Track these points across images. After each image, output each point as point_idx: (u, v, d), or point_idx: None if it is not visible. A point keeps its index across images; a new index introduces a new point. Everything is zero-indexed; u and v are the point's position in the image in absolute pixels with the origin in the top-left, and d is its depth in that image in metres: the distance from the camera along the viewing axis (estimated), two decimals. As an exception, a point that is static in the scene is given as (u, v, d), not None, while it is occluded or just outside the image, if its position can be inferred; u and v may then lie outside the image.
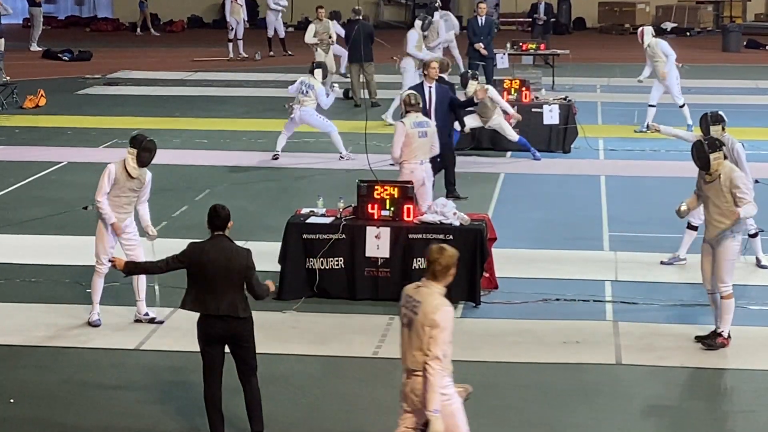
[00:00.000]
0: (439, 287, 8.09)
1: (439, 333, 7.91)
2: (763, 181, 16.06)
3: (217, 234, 9.38)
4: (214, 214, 9.37)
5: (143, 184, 12.06)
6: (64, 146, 21.66)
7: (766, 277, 13.96)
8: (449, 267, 8.11)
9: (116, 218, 11.99)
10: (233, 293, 9.23)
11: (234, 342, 9.33)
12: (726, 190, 11.36)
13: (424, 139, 14.36)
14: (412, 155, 14.36)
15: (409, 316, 8.10)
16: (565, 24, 43.74)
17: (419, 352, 8.01)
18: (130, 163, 11.92)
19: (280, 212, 15.33)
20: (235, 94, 28.03)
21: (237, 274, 9.24)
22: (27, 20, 40.64)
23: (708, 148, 11.40)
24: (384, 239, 12.85)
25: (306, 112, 19.74)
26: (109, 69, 32.45)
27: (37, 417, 10.09)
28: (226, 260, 9.24)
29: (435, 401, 7.93)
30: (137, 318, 12.27)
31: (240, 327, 9.29)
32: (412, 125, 14.37)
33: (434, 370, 7.94)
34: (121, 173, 11.94)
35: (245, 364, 9.39)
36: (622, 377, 11.02)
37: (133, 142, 12.00)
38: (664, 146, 21.12)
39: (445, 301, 8.05)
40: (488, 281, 13.22)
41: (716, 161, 11.40)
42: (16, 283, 13.62)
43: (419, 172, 14.34)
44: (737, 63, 35.43)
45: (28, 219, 16.38)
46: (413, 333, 8.04)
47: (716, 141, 11.57)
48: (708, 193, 11.51)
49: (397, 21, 45.66)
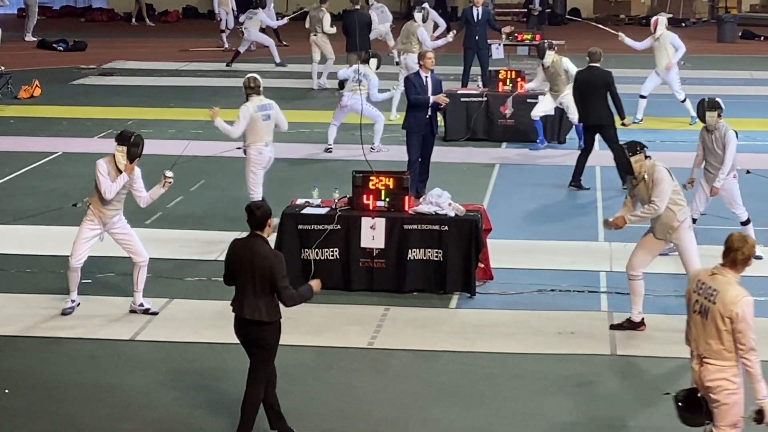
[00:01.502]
0: (737, 276, 8.13)
1: (746, 326, 7.94)
2: (758, 172, 16.09)
3: (253, 233, 9.17)
4: (249, 213, 9.18)
5: (133, 179, 12.06)
6: (59, 136, 21.64)
7: (759, 268, 13.96)
8: (749, 257, 8.17)
9: (104, 214, 12.02)
10: (256, 296, 9.02)
11: (250, 344, 9.18)
12: (652, 186, 11.48)
13: (267, 122, 14.86)
14: (258, 137, 14.88)
15: (703, 304, 8.11)
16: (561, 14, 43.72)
17: (715, 341, 8.04)
18: (120, 160, 11.92)
19: (275, 203, 15.17)
20: (230, 85, 27.95)
21: (260, 277, 8.99)
22: (22, 10, 40.57)
23: (628, 152, 11.51)
24: (379, 230, 12.86)
25: (358, 101, 19.62)
26: (104, 59, 32.40)
27: (31, 407, 10.09)
28: (250, 262, 9.03)
29: (763, 388, 7.98)
30: (132, 309, 12.27)
31: (257, 332, 9.10)
32: (256, 109, 14.80)
33: (753, 362, 8.02)
34: (111, 169, 11.94)
35: (252, 367, 9.18)
36: (617, 368, 11.03)
37: (121, 139, 12.01)
38: (658, 137, 21.13)
39: (744, 291, 8.08)
40: (483, 272, 13.22)
41: (637, 163, 11.50)
42: (10, 274, 13.62)
43: (266, 153, 14.97)
44: (732, 54, 35.43)
45: (22, 209, 16.37)
46: (709, 321, 8.06)
47: (637, 145, 11.62)
48: (642, 196, 11.64)
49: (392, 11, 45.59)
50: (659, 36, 22.13)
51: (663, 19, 22.59)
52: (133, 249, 12.23)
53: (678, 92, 22.42)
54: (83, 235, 12.12)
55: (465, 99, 21.30)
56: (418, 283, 12.92)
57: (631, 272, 11.82)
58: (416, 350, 11.40)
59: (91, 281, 13.24)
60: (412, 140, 16.59)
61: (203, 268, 13.86)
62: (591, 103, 17.22)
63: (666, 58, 22.09)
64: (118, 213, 12.15)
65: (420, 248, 12.85)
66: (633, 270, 11.82)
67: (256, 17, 30.37)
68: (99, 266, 13.51)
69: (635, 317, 11.85)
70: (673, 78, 22.28)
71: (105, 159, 12.03)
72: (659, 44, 22.13)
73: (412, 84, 16.52)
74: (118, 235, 12.21)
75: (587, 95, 17.21)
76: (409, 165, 16.47)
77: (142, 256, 12.20)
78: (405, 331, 11.90)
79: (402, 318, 12.24)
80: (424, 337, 11.72)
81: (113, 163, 11.96)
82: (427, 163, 16.77)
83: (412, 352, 11.36)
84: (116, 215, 12.12)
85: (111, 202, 12.00)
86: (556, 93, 19.83)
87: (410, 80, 16.65)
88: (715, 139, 13.82)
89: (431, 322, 12.15)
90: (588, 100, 17.19)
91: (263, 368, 9.19)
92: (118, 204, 12.10)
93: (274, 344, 9.18)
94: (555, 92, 19.86)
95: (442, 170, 17.85)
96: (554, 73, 19.67)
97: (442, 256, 12.82)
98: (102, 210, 12.04)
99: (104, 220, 12.09)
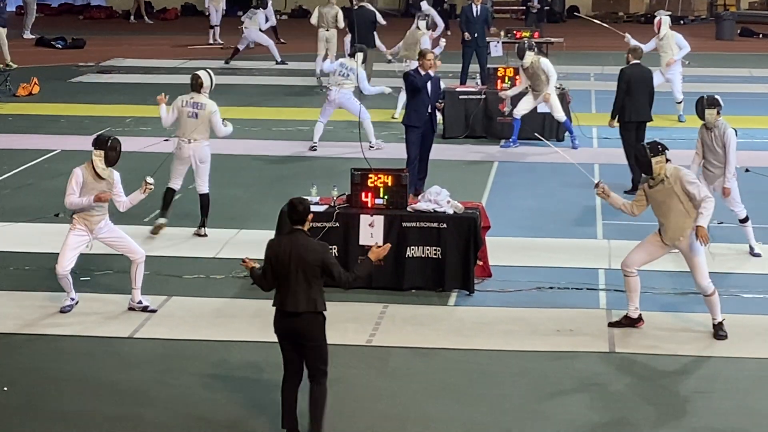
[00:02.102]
0: None
1: None
2: (757, 170, 16.10)
3: (295, 229, 9.16)
4: (291, 209, 9.16)
5: (112, 184, 12.04)
6: (58, 134, 21.63)
7: (759, 265, 13.98)
8: None
9: (89, 221, 12.00)
10: (305, 289, 9.01)
11: (301, 340, 9.13)
12: (679, 190, 11.37)
13: (193, 120, 14.78)
14: (180, 132, 14.95)
15: None
16: (559, 12, 43.74)
17: None
18: (98, 164, 11.92)
19: (273, 200, 15.32)
20: (229, 82, 27.96)
21: (311, 269, 8.99)
22: (20, 8, 40.56)
23: (650, 152, 11.39)
24: (378, 227, 12.86)
25: (345, 95, 19.56)
26: (102, 57, 32.39)
27: (30, 405, 10.09)
28: (299, 257, 9.00)
29: None
30: (131, 306, 12.26)
31: (307, 324, 9.08)
32: (184, 103, 14.93)
33: None
34: (89, 175, 11.93)
35: (311, 363, 9.17)
36: (616, 365, 11.03)
37: (98, 143, 12.00)
38: (657, 135, 21.11)
39: None
40: (482, 269, 13.23)
41: (658, 165, 11.40)
42: (9, 271, 13.61)
43: (186, 150, 14.89)
44: (731, 51, 35.44)
45: (21, 207, 16.36)
46: None
47: (659, 145, 11.52)
48: (659, 198, 11.49)
49: (391, 9, 45.62)
50: (663, 36, 22.09)
51: (666, 19, 22.51)
52: (127, 249, 12.22)
53: (678, 92, 22.41)
54: (70, 244, 12.08)
55: (463, 97, 21.29)
56: (416, 280, 12.92)
57: (626, 269, 11.77)
58: (415, 348, 11.40)
59: (89, 279, 13.24)
60: (412, 137, 16.57)
61: (201, 265, 13.86)
62: (638, 99, 17.15)
63: (668, 56, 22.07)
64: (104, 218, 12.13)
65: (418, 246, 12.86)
66: (628, 267, 11.77)
67: (255, 17, 30.42)
68: (97, 264, 13.51)
69: (632, 313, 11.84)
70: (676, 77, 22.28)
71: (82, 166, 12.01)
72: (664, 44, 22.10)
73: (413, 77, 16.50)
74: (108, 240, 12.21)
75: (635, 92, 17.13)
76: (408, 162, 16.47)
77: (137, 253, 12.19)
78: (403, 328, 11.90)
79: (400, 315, 12.24)
80: (423, 335, 11.72)
81: (90, 168, 11.95)
82: (425, 160, 16.77)
83: (410, 349, 11.36)
84: (102, 220, 12.10)
85: (93, 208, 11.98)
86: (537, 93, 19.86)
87: (411, 75, 16.63)
88: (715, 137, 13.80)
89: (430, 320, 12.16)
90: (635, 96, 17.12)
91: (321, 362, 9.16)
92: (101, 209, 12.08)
93: (324, 334, 9.19)
94: (536, 92, 19.88)
95: (441, 168, 17.84)
96: (533, 74, 19.67)
97: (441, 253, 12.82)
98: (85, 217, 12.02)
99: (90, 227, 12.07)
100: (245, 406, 10.04)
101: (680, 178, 11.36)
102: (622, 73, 17.27)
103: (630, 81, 17.12)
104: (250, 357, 11.11)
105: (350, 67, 19.44)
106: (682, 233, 11.45)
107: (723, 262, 13.98)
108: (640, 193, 11.73)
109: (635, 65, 17.35)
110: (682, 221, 11.42)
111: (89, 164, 11.97)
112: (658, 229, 11.70)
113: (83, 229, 12.07)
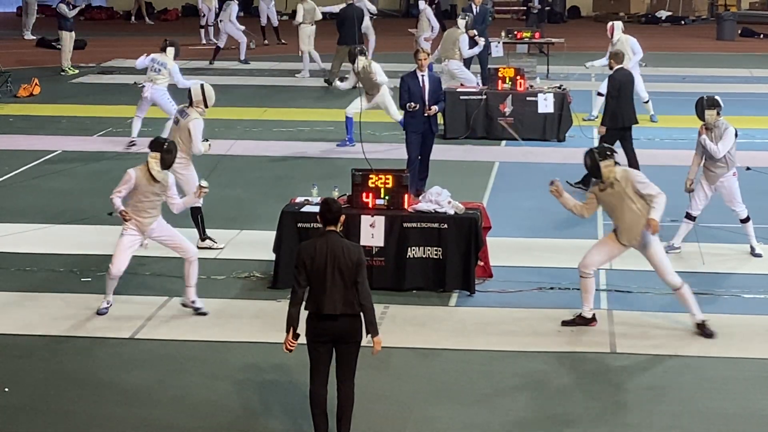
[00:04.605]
0: None
1: None
2: (758, 170, 16.10)
3: (328, 230, 9.08)
4: (326, 208, 9.06)
5: (166, 186, 12.02)
6: (59, 135, 21.65)
7: (759, 266, 13.98)
8: None
9: (141, 222, 11.98)
10: (344, 290, 8.96)
11: (341, 340, 9.08)
12: (630, 192, 11.46)
13: (174, 126, 14.45)
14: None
15: None
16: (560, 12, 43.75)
17: None
18: (154, 167, 11.87)
19: (274, 201, 15.33)
20: (229, 83, 28.00)
21: (347, 270, 8.94)
22: (20, 9, 40.57)
23: (599, 157, 11.52)
24: (379, 228, 12.86)
25: (157, 91, 19.65)
26: (103, 58, 32.41)
27: (31, 406, 10.09)
28: (335, 258, 8.93)
29: None
30: (184, 303, 12.18)
31: (346, 326, 9.03)
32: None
33: None
34: (143, 178, 11.90)
35: (346, 364, 9.13)
36: (617, 366, 11.04)
37: (154, 145, 11.95)
38: (658, 135, 21.15)
39: None
40: (483, 270, 13.23)
41: (607, 168, 11.51)
42: (10, 272, 13.61)
43: None
44: (732, 51, 35.44)
45: (22, 207, 16.37)
46: None
47: (607, 149, 11.66)
48: (611, 201, 11.60)
49: (391, 9, 45.65)
50: (617, 41, 22.32)
51: (619, 24, 22.92)
52: (179, 247, 12.20)
53: (642, 92, 22.55)
54: (124, 245, 12.06)
55: (464, 97, 21.30)
56: (417, 281, 12.92)
57: (584, 270, 11.82)
58: (416, 348, 11.40)
59: (90, 279, 13.25)
60: (411, 139, 16.62)
61: (202, 266, 13.83)
62: (626, 105, 17.14)
63: (625, 62, 22.20)
64: (156, 219, 12.10)
65: (419, 246, 12.86)
66: (586, 268, 11.82)
67: (229, 9, 30.50)
68: (98, 264, 13.52)
69: (587, 313, 11.88)
70: (636, 79, 22.42)
71: (137, 168, 11.97)
72: (618, 48, 22.26)
73: (406, 86, 16.50)
74: (160, 238, 12.20)
75: (624, 97, 17.11)
76: (409, 163, 16.48)
77: (190, 251, 12.14)
78: (404, 329, 11.90)
79: (401, 316, 12.25)
80: (424, 335, 11.72)
81: (145, 170, 11.93)
82: (426, 161, 16.78)
83: (411, 350, 11.36)
84: (153, 222, 12.08)
85: (146, 209, 11.97)
86: (371, 95, 19.89)
87: (404, 81, 16.65)
88: (715, 137, 13.81)
89: (431, 320, 12.16)
90: (623, 102, 17.10)
91: (355, 361, 9.15)
92: (153, 211, 12.05)
93: (362, 334, 9.15)
94: (369, 94, 19.91)
95: (442, 168, 17.85)
96: (365, 78, 19.69)
97: (442, 254, 12.83)
98: (138, 219, 12.01)
99: (142, 229, 12.06)
100: (246, 407, 10.04)
101: (631, 180, 11.52)
102: (613, 79, 17.26)
103: (620, 86, 17.13)
104: (251, 358, 11.11)
105: (161, 62, 19.45)
106: (638, 233, 11.58)
107: (723, 262, 13.99)
108: (590, 196, 11.88)
109: (621, 69, 17.35)
110: (637, 221, 11.54)
111: (144, 166, 11.92)
112: (614, 230, 11.78)
113: (135, 230, 12.06)
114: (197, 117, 14.24)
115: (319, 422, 9.15)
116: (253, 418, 9.84)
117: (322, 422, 9.15)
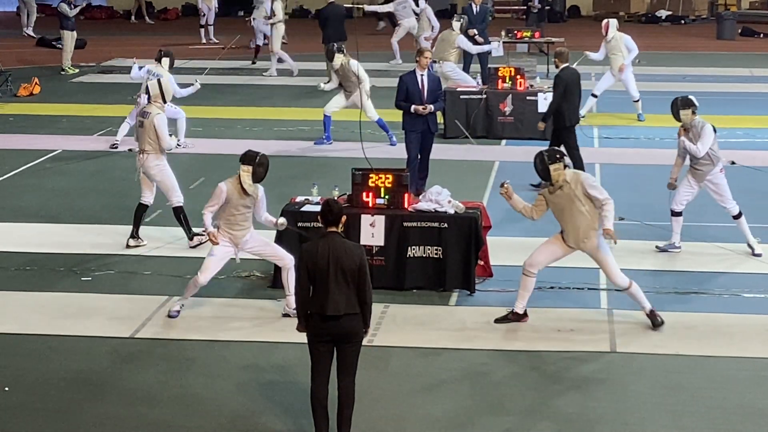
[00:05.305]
0: None
1: None
2: (758, 169, 16.11)
3: (329, 231, 9.10)
4: (327, 209, 9.10)
5: (256, 199, 11.98)
6: (59, 134, 21.65)
7: (759, 265, 13.98)
8: None
9: (234, 235, 11.94)
10: (347, 291, 9.00)
11: (343, 340, 9.09)
12: (580, 194, 11.55)
13: (140, 129, 14.36)
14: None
15: None
16: (560, 12, 43.74)
17: None
18: (245, 180, 11.84)
19: (274, 200, 15.28)
20: (229, 83, 28.02)
21: (349, 271, 8.97)
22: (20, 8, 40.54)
23: (548, 160, 11.63)
24: (379, 227, 12.86)
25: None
26: (103, 57, 32.40)
27: (31, 405, 10.09)
28: (337, 259, 8.96)
29: None
30: (286, 312, 12.07)
31: (349, 325, 9.05)
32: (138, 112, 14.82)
33: None
34: (234, 191, 11.86)
35: (347, 363, 9.13)
36: (617, 365, 11.03)
37: (246, 159, 11.91)
38: (658, 134, 21.15)
39: None
40: (483, 269, 13.23)
41: (556, 172, 11.62)
42: (10, 272, 13.61)
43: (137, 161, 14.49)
44: (732, 51, 35.43)
45: (22, 207, 16.37)
46: None
47: (557, 153, 11.77)
48: (560, 203, 11.69)
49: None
50: (611, 38, 22.32)
51: (613, 21, 22.91)
52: (274, 256, 12.19)
53: (634, 91, 22.59)
54: (216, 255, 12.03)
55: (464, 96, 21.29)
56: (417, 280, 12.92)
57: (528, 268, 11.91)
58: (416, 347, 11.40)
59: (90, 279, 13.25)
60: (410, 138, 16.63)
61: (203, 265, 13.85)
62: (574, 103, 17.17)
63: (620, 60, 22.29)
64: (248, 231, 12.05)
65: (419, 245, 12.86)
66: (531, 267, 11.91)
67: (261, 6, 30.52)
68: (97, 263, 13.52)
69: (519, 309, 11.95)
70: (629, 79, 22.55)
71: (228, 181, 11.91)
72: (613, 46, 22.38)
73: (404, 86, 16.51)
74: (254, 249, 12.16)
75: (572, 95, 17.12)
76: (408, 162, 16.48)
77: (286, 259, 12.07)
78: (404, 328, 11.90)
79: (401, 315, 12.25)
80: (424, 335, 11.72)
81: (237, 183, 11.88)
82: (426, 160, 16.78)
83: (411, 349, 11.36)
84: (246, 234, 12.03)
85: (238, 222, 11.92)
86: (349, 93, 19.95)
87: (402, 81, 16.66)
88: (693, 136, 13.88)
89: (431, 320, 12.16)
90: (572, 100, 17.11)
91: (357, 360, 9.17)
92: (245, 224, 12.00)
93: (363, 336, 9.20)
94: (348, 92, 19.95)
95: (442, 168, 17.84)
96: (344, 76, 19.75)
97: (442, 253, 12.83)
98: (230, 231, 11.98)
99: (235, 241, 12.02)
100: (246, 407, 10.04)
101: (581, 183, 11.61)
102: (559, 78, 17.20)
103: (567, 85, 17.10)
104: (251, 357, 11.11)
105: (156, 73, 19.23)
106: (585, 236, 11.66)
107: (723, 262, 13.98)
108: (540, 198, 11.96)
109: (568, 68, 17.32)
110: (585, 224, 11.62)
111: (236, 179, 11.88)
112: (561, 231, 11.81)
113: (228, 242, 12.03)
114: (158, 112, 14.25)
115: (319, 421, 9.16)
116: (254, 417, 9.84)
117: (322, 421, 9.16)
